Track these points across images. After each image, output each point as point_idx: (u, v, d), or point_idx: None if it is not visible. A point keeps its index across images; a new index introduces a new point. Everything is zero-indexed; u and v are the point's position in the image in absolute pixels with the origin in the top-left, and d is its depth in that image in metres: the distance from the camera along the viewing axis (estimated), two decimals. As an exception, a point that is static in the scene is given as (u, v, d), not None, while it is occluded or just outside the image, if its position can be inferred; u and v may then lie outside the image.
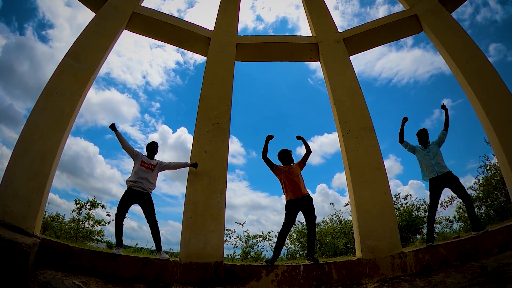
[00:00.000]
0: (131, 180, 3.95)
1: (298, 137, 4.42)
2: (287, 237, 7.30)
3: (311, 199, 4.04)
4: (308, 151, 4.38)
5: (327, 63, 5.35)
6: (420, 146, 4.35)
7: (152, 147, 4.26)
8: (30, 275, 3.01)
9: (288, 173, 4.13)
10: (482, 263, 3.46)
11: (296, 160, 4.42)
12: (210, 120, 4.61)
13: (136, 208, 3.89)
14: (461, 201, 6.41)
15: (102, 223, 6.56)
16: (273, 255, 3.95)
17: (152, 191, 4.09)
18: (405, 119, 4.44)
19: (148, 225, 3.94)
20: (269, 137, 4.33)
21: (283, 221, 4.01)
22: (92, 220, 6.43)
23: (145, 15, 5.42)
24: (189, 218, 3.92)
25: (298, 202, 3.97)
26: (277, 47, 5.73)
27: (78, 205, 6.37)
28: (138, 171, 3.99)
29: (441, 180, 4.02)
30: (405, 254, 3.71)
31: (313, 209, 3.99)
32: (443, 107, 4.38)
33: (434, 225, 4.70)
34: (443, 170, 4.04)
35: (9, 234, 3.15)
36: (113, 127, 4.11)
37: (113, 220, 6.39)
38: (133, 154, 4.14)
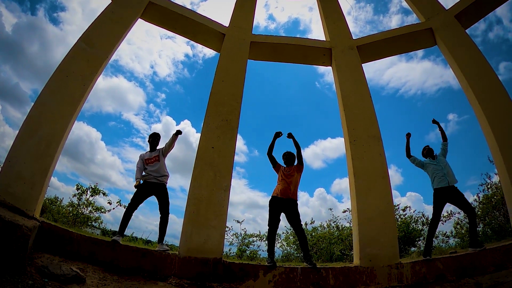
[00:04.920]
0: (143, 175, 4.10)
1: (289, 135, 4.36)
2: (284, 239, 7.34)
3: (296, 204, 4.02)
4: (297, 147, 4.31)
5: (339, 69, 5.35)
6: (429, 159, 4.41)
7: (152, 139, 4.38)
8: (28, 258, 2.99)
9: (285, 173, 4.14)
10: (477, 280, 3.49)
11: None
12: (219, 116, 4.60)
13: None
14: (459, 217, 6.51)
15: (102, 210, 6.52)
16: (271, 256, 3.86)
17: (167, 181, 4.20)
18: (408, 135, 4.55)
19: (160, 215, 4.00)
20: (278, 134, 4.35)
21: (268, 220, 3.98)
22: (92, 206, 6.39)
23: (161, 6, 5.38)
24: (192, 213, 3.92)
25: (282, 202, 3.96)
26: (290, 49, 5.72)
27: (79, 191, 6.34)
28: (146, 168, 4.15)
29: (447, 192, 4.06)
30: (402, 265, 3.74)
31: (297, 214, 3.96)
32: (434, 121, 4.56)
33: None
34: (452, 182, 4.10)
35: (10, 215, 3.12)
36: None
37: (113, 208, 6.42)
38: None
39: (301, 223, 4.03)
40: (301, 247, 4.01)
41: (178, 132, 4.24)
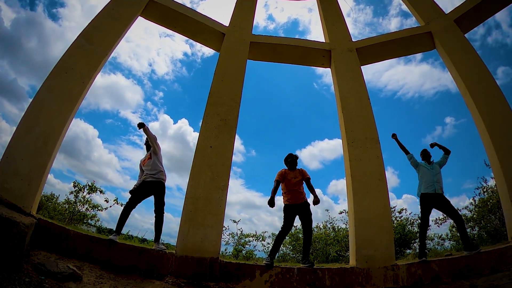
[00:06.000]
0: (143, 175, 4.10)
1: (309, 187, 4.18)
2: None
3: (309, 204, 4.08)
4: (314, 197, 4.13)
5: (338, 70, 5.36)
6: (424, 162, 4.46)
7: (147, 142, 4.38)
8: (25, 256, 2.97)
9: (293, 182, 4.10)
10: (472, 282, 3.51)
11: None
12: (218, 116, 4.60)
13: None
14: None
15: (99, 208, 6.50)
16: (271, 257, 3.88)
17: (164, 177, 4.15)
18: (393, 136, 4.64)
19: (154, 214, 3.98)
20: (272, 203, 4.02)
21: (282, 223, 4.04)
22: (88, 204, 6.36)
23: (161, 4, 5.37)
24: (189, 212, 3.91)
25: (297, 207, 4.02)
26: (290, 50, 5.73)
27: (76, 188, 6.30)
28: (143, 169, 4.19)
29: (433, 198, 4.13)
30: (398, 267, 3.76)
31: (310, 214, 4.02)
32: (432, 145, 4.59)
33: (426, 241, 4.79)
34: (439, 191, 4.16)
35: (7, 212, 3.10)
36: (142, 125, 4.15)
37: (110, 206, 6.40)
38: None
39: (312, 222, 4.04)
40: (304, 246, 4.03)
41: (140, 126, 4.12)
